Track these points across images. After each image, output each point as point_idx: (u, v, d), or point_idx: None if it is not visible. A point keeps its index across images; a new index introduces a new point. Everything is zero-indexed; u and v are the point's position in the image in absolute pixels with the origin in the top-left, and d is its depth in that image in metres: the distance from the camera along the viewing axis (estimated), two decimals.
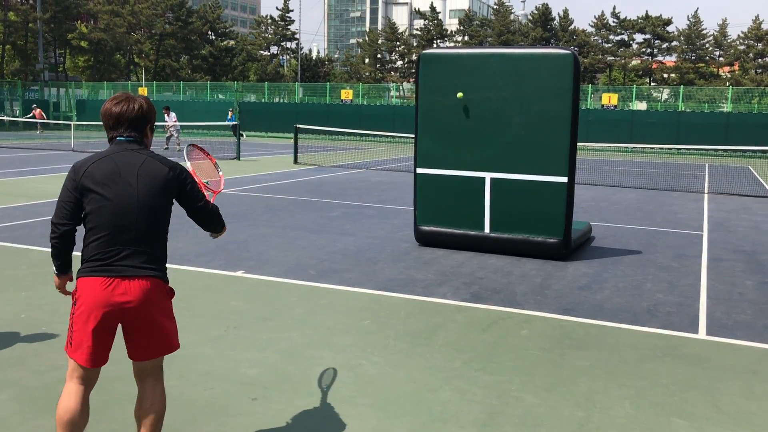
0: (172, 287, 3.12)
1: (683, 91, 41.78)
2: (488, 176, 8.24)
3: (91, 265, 2.91)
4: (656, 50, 63.37)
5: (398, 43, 68.28)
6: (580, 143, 12.31)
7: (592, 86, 45.56)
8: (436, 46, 64.27)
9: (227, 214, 10.79)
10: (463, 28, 67.42)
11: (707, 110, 37.73)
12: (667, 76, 62.83)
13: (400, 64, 68.95)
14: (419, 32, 68.66)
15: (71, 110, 45.73)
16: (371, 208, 12.08)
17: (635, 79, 63.42)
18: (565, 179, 7.87)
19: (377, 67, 68.74)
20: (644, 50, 63.38)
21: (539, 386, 4.36)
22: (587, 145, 24.05)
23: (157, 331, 2.99)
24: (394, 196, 13.83)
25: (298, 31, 71.44)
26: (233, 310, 5.81)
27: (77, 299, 2.93)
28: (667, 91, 51.67)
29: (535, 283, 7.03)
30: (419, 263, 7.80)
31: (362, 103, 43.51)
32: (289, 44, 72.69)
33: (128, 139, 3.04)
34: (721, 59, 61.92)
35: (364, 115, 39.14)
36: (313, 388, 4.24)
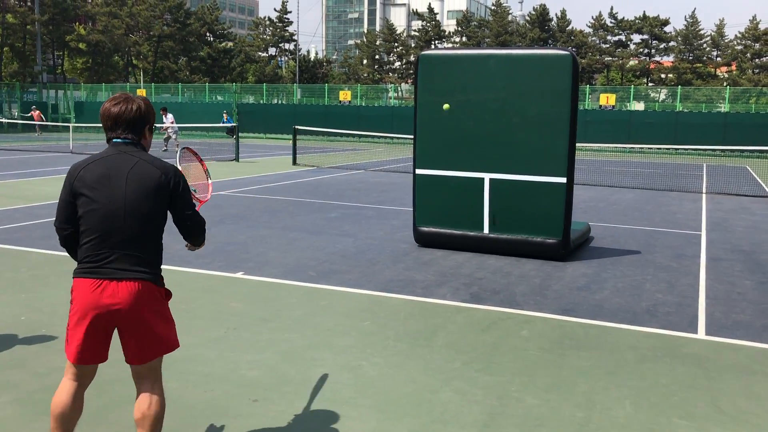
0: (168, 289, 3.12)
1: (681, 91, 41.82)
2: (487, 177, 8.24)
3: (83, 266, 2.96)
4: (654, 51, 63.48)
5: (396, 44, 68.35)
6: (578, 144, 12.32)
7: (589, 87, 45.65)
8: (434, 47, 64.31)
9: (226, 215, 10.79)
10: (460, 29, 67.49)
11: (705, 110, 37.79)
12: (664, 76, 62.92)
13: (398, 65, 69.04)
14: (417, 33, 68.77)
15: (70, 112, 45.70)
16: (370, 209, 12.08)
17: (633, 79, 63.51)
18: (564, 180, 7.88)
19: (375, 68, 68.80)
20: (642, 51, 63.51)
21: (539, 387, 4.37)
22: (585, 145, 24.12)
23: (149, 333, 3.00)
24: (393, 197, 13.83)
25: (296, 32, 71.51)
26: (233, 311, 5.80)
27: (73, 299, 2.99)
28: (664, 91, 51.69)
29: (534, 283, 7.04)
30: (419, 264, 7.80)
31: (360, 104, 43.57)
32: (287, 45, 72.77)
33: (124, 140, 3.04)
34: (718, 59, 62.07)
35: (362, 116, 39.14)
36: (313, 389, 4.24)
